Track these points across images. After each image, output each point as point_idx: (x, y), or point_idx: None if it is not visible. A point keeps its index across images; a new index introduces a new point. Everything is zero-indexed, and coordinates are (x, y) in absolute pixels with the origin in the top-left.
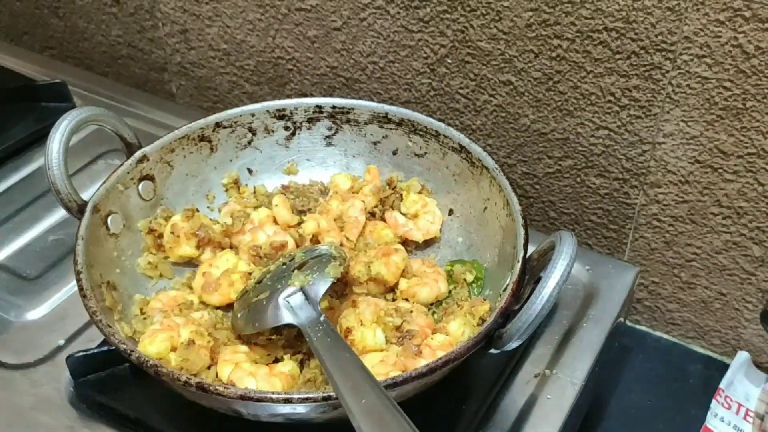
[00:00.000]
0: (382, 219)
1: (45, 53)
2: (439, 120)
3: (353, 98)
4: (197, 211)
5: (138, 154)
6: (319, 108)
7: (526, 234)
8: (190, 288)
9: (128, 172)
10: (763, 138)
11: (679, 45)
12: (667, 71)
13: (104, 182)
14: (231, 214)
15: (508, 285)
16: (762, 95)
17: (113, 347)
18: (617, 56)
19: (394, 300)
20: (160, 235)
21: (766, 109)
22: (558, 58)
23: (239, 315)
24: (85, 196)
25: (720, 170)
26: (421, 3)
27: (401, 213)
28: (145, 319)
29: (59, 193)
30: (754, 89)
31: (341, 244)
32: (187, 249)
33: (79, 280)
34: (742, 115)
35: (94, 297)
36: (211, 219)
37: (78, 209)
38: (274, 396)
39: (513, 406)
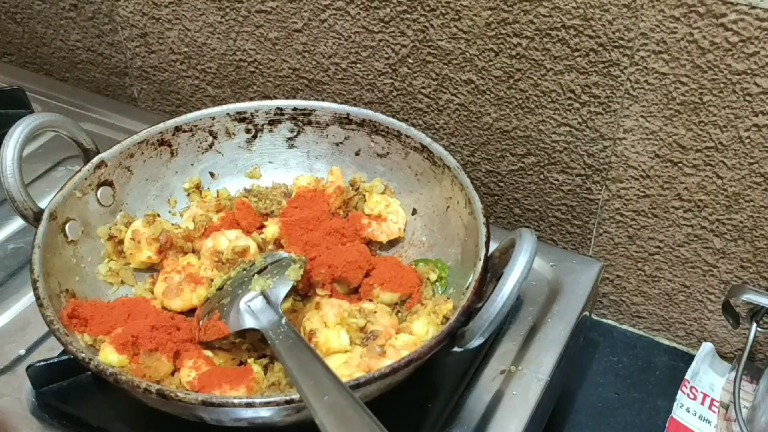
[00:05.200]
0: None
1: (3, 59)
2: (403, 120)
3: (316, 100)
4: (158, 216)
5: (96, 159)
6: (280, 110)
7: (488, 232)
8: (152, 294)
9: (86, 178)
10: (721, 132)
11: (636, 41)
12: (625, 67)
13: (61, 189)
14: (193, 218)
15: (470, 283)
16: (718, 90)
17: (73, 356)
18: (576, 53)
19: (359, 300)
20: (121, 242)
21: (722, 104)
22: (518, 57)
23: (201, 322)
24: (45, 203)
25: (680, 164)
26: (380, 3)
27: (365, 213)
28: None
29: (14, 200)
30: (710, 84)
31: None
32: (148, 255)
33: (36, 288)
34: (699, 110)
35: (51, 306)
36: (172, 224)
37: (34, 217)
38: (235, 401)
39: (479, 403)
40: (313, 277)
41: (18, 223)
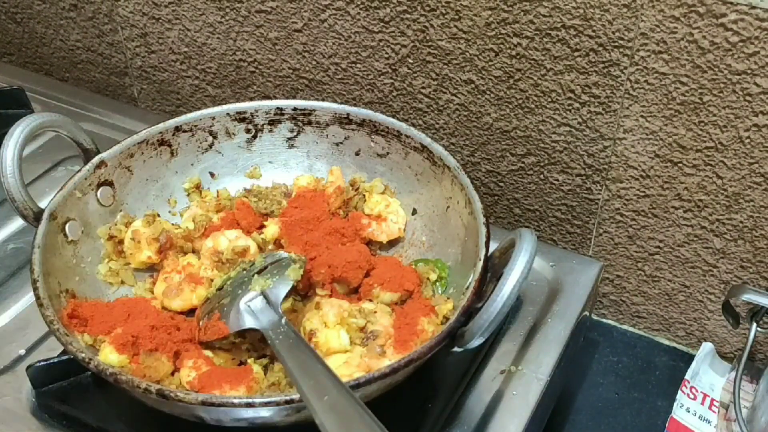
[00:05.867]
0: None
1: (3, 59)
2: (403, 120)
3: (316, 100)
4: (158, 216)
5: (96, 159)
6: (280, 110)
7: (488, 232)
8: (152, 294)
9: (86, 178)
10: (721, 132)
11: (636, 41)
12: (625, 67)
13: (61, 189)
14: (193, 218)
15: (470, 283)
16: (718, 90)
17: (72, 356)
18: (576, 53)
19: (359, 300)
20: (121, 242)
21: (722, 104)
22: (518, 57)
23: (201, 322)
24: (45, 203)
25: (680, 164)
26: (380, 3)
27: (365, 214)
28: None
29: (14, 201)
30: (710, 84)
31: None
32: (148, 255)
33: (36, 288)
34: (699, 110)
35: (51, 306)
36: (172, 224)
37: (34, 217)
38: (235, 401)
39: (479, 404)
40: (313, 277)
41: (18, 223)
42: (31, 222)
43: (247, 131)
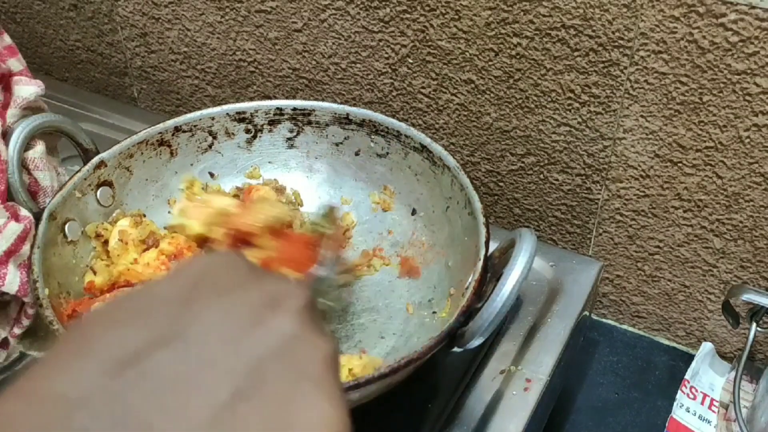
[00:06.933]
0: None
1: None
2: (403, 120)
3: (316, 100)
4: (144, 216)
5: (95, 159)
6: (279, 110)
7: (488, 232)
8: None
9: (85, 179)
10: (720, 132)
11: (636, 41)
12: (625, 67)
13: (61, 189)
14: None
15: (470, 283)
16: (718, 89)
17: None
18: (576, 53)
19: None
20: (107, 242)
21: (722, 104)
22: (518, 56)
23: None
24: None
25: (679, 164)
26: (380, 3)
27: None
28: None
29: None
30: (710, 84)
31: None
32: (134, 257)
33: (35, 289)
34: (699, 110)
35: (51, 306)
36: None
37: (34, 217)
38: None
39: (479, 404)
40: None
41: None
42: None
43: (247, 131)
